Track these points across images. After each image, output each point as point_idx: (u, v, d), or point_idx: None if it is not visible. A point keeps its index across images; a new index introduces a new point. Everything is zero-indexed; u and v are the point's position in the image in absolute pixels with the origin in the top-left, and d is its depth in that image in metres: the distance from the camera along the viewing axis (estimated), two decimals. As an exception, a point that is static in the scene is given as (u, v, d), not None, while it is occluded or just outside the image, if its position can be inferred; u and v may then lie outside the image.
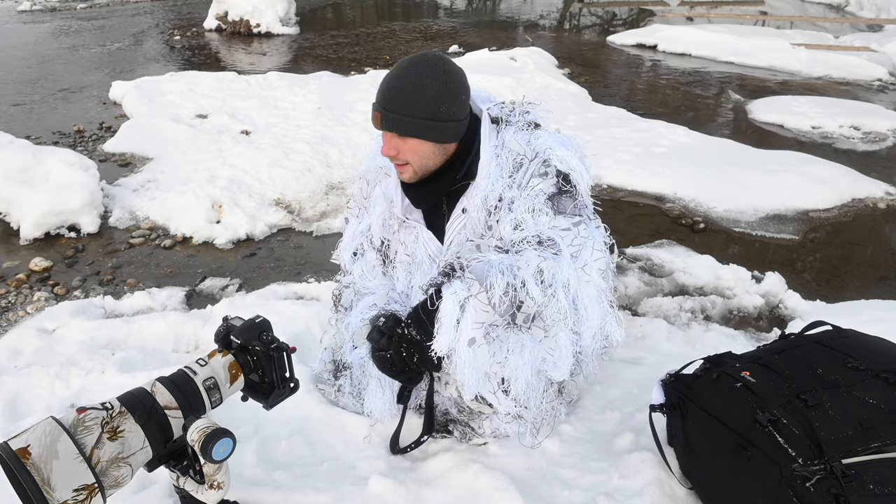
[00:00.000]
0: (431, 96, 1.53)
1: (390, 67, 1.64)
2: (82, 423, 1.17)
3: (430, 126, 1.55)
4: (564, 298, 1.47)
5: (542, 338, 1.53)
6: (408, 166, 1.61)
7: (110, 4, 10.72)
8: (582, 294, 1.52)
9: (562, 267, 1.47)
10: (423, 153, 1.58)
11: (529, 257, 1.46)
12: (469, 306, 1.42)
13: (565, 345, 1.56)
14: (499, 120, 1.66)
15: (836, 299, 2.74)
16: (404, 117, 1.53)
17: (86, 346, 2.30)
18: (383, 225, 1.78)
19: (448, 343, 1.42)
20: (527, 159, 1.60)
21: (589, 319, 1.55)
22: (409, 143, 1.57)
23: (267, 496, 1.61)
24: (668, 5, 11.23)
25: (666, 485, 1.64)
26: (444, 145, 1.61)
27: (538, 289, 1.43)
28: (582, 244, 1.53)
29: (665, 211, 3.64)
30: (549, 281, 1.45)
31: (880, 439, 1.31)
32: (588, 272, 1.53)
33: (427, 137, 1.56)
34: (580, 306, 1.53)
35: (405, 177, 1.64)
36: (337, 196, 3.80)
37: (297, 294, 2.76)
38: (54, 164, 3.45)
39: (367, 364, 1.74)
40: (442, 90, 1.54)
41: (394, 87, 1.54)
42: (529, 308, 1.45)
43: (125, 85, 5.67)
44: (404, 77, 1.54)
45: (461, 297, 1.42)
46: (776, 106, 5.52)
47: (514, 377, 1.55)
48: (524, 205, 1.55)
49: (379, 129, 1.58)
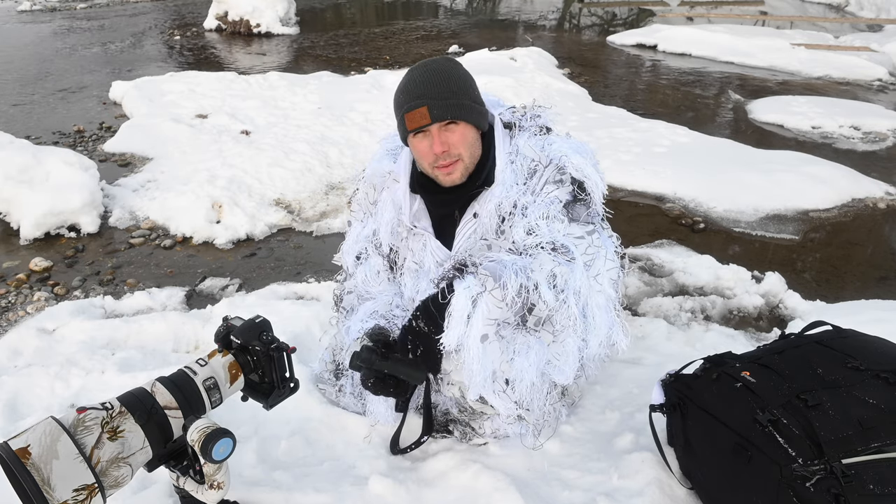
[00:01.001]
0: (464, 77, 1.57)
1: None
2: (82, 423, 1.17)
3: (474, 108, 1.56)
4: (575, 305, 1.47)
5: (550, 342, 1.53)
6: (459, 163, 1.58)
7: (110, 4, 10.73)
8: (592, 303, 1.53)
9: (575, 274, 1.47)
10: (471, 140, 1.58)
11: (543, 261, 1.45)
12: (481, 302, 1.41)
13: (572, 350, 1.56)
14: (511, 125, 1.66)
15: (836, 299, 2.74)
16: (452, 100, 1.51)
17: (86, 346, 2.30)
18: (392, 232, 1.76)
19: (458, 337, 1.42)
20: (541, 165, 1.60)
21: (597, 328, 1.56)
22: (457, 133, 1.55)
23: (267, 496, 1.61)
24: (668, 5, 11.23)
25: (666, 485, 1.64)
26: (479, 134, 1.62)
27: (551, 293, 1.43)
28: (595, 254, 1.53)
29: (665, 211, 3.64)
30: (562, 286, 1.45)
31: (880, 439, 1.31)
32: (600, 282, 1.54)
33: (474, 120, 1.56)
34: (589, 315, 1.53)
35: (456, 175, 1.59)
36: (337, 196, 3.80)
37: (297, 294, 2.76)
38: (54, 164, 3.46)
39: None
40: (468, 75, 1.59)
41: (427, 79, 1.53)
42: (541, 311, 1.45)
43: (125, 85, 5.67)
44: (432, 70, 1.55)
45: (474, 292, 1.42)
46: (776, 106, 5.51)
47: (518, 378, 1.55)
48: (538, 211, 1.55)
49: (428, 122, 1.52)
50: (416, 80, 1.55)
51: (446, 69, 1.56)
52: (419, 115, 1.52)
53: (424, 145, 1.57)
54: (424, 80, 1.54)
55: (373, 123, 4.82)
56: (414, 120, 1.53)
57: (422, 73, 1.56)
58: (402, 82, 1.58)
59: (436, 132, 1.55)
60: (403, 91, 1.56)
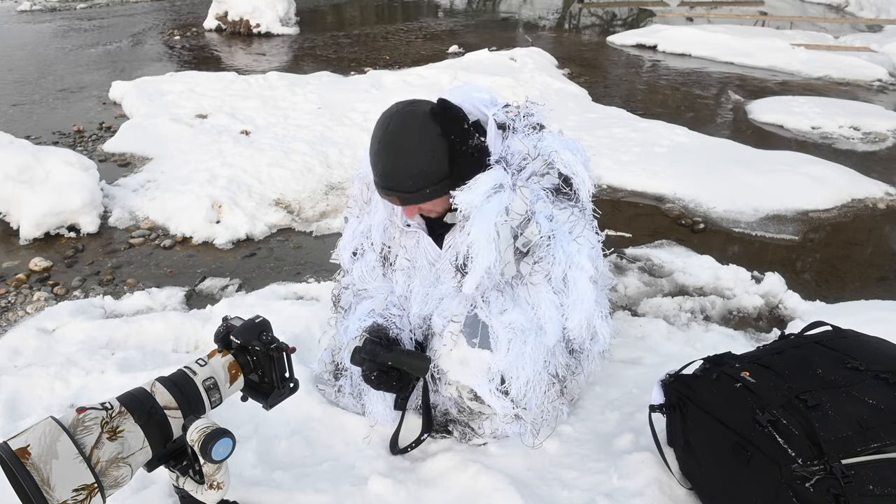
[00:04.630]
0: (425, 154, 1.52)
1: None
2: (82, 423, 1.17)
3: (443, 184, 1.56)
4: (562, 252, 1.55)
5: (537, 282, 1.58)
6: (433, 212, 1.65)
7: (110, 4, 10.72)
8: (574, 274, 1.58)
9: (562, 229, 1.59)
10: (442, 200, 1.60)
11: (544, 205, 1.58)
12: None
13: (546, 305, 1.60)
14: (505, 126, 1.65)
15: (835, 299, 2.74)
16: (419, 192, 1.55)
17: (85, 346, 2.30)
18: (384, 230, 1.78)
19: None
20: (530, 159, 1.61)
21: (577, 302, 1.60)
22: (428, 205, 1.60)
23: (267, 496, 1.61)
24: (668, 5, 11.23)
25: (666, 485, 1.64)
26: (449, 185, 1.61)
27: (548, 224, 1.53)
28: (576, 221, 1.61)
29: (665, 211, 3.64)
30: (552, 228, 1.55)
31: (880, 440, 1.31)
32: (580, 244, 1.59)
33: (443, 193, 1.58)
34: (570, 282, 1.59)
35: (433, 215, 1.67)
36: (337, 196, 3.80)
37: (297, 294, 2.76)
38: (54, 164, 3.45)
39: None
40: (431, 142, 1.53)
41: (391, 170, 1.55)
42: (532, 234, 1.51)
43: (125, 85, 5.67)
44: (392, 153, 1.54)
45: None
46: (776, 106, 5.51)
47: (515, 375, 1.55)
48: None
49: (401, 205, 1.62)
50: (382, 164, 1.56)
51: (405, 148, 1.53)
52: (391, 199, 1.61)
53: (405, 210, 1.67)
54: (389, 172, 1.55)
55: (372, 123, 4.74)
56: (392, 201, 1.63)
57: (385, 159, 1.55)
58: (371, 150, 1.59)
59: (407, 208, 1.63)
60: (373, 167, 1.60)
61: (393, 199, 1.60)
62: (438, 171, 1.54)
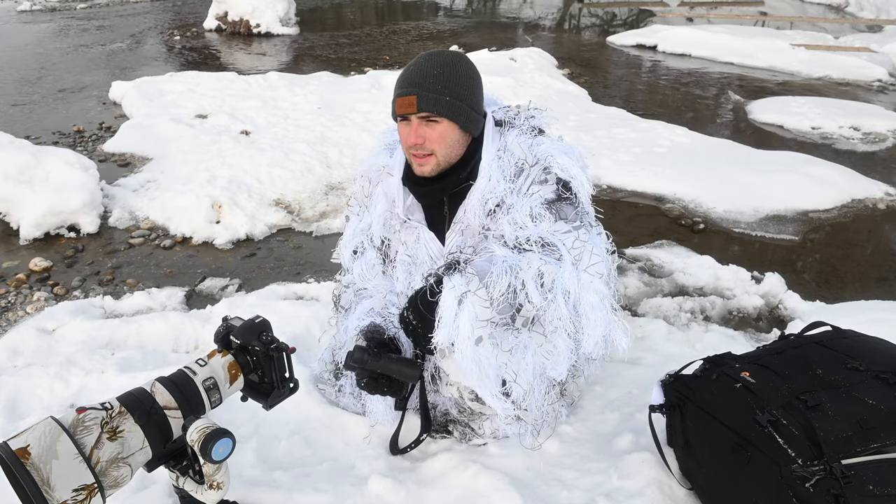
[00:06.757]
0: (467, 77, 1.56)
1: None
2: (82, 423, 1.17)
3: (464, 110, 1.55)
4: (564, 305, 1.47)
5: (542, 343, 1.53)
6: (432, 157, 1.59)
7: (110, 4, 10.72)
8: (584, 301, 1.52)
9: (563, 273, 1.47)
10: (450, 140, 1.58)
11: (531, 259, 1.46)
12: (467, 302, 1.41)
13: (563, 350, 1.55)
14: (502, 123, 1.66)
15: (835, 300, 2.74)
16: (443, 96, 1.52)
17: (85, 346, 2.29)
18: (384, 224, 1.77)
19: (448, 335, 1.42)
20: (528, 164, 1.60)
21: (591, 327, 1.54)
22: (437, 130, 1.56)
23: (267, 496, 1.61)
24: (668, 5, 11.23)
25: (665, 485, 1.64)
26: (466, 136, 1.61)
27: (538, 293, 1.43)
28: (582, 248, 1.53)
29: (665, 211, 3.64)
30: (549, 286, 1.45)
31: (880, 440, 1.31)
32: (589, 273, 1.53)
33: (460, 121, 1.56)
34: (582, 313, 1.52)
35: (427, 169, 1.60)
36: (337, 196, 3.80)
37: (297, 294, 2.76)
38: (54, 164, 3.45)
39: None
40: (473, 76, 1.59)
41: (426, 70, 1.54)
42: (528, 312, 1.45)
43: (125, 85, 5.67)
44: (436, 62, 1.55)
45: (459, 291, 1.42)
46: (776, 106, 5.52)
47: (515, 379, 1.55)
48: (524, 210, 1.56)
49: (413, 112, 1.54)
50: (418, 67, 1.57)
51: (451, 63, 1.56)
52: (408, 102, 1.54)
53: (405, 132, 1.60)
54: (424, 70, 1.54)
55: (373, 123, 4.82)
56: (402, 106, 1.56)
57: (426, 62, 1.56)
58: (407, 66, 1.60)
59: (416, 124, 1.56)
60: (404, 74, 1.59)
61: (410, 99, 1.52)
62: (469, 95, 1.56)
